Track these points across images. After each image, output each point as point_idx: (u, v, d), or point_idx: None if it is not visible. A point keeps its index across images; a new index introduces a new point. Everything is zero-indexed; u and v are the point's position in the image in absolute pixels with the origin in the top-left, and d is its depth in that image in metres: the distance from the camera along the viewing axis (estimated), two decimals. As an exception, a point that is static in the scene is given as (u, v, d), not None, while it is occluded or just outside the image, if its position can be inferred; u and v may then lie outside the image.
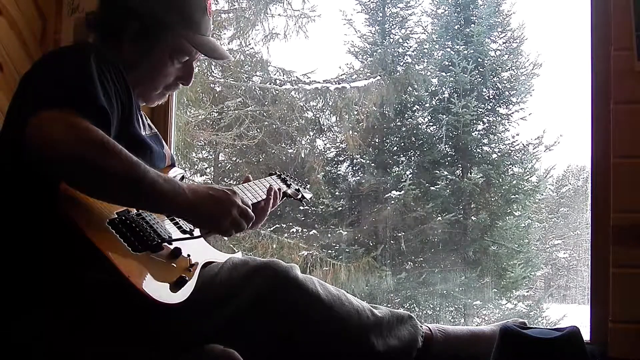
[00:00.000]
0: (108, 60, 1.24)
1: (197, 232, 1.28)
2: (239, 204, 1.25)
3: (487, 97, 6.81)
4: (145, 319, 1.14)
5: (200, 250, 1.30)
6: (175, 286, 1.15)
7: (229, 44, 6.47)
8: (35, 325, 1.12)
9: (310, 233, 6.67)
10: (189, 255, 1.24)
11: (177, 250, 1.22)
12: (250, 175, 1.62)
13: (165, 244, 1.20)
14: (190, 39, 1.41)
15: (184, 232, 1.29)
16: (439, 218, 6.46)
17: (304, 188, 1.83)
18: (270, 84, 6.59)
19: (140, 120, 1.36)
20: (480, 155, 6.72)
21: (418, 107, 6.97)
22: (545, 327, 1.51)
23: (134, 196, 1.13)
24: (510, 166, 6.77)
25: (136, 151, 1.18)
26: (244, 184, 1.54)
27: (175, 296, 1.13)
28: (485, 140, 6.80)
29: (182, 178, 1.46)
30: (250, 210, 1.28)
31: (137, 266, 1.12)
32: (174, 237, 1.23)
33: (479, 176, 6.45)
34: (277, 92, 6.61)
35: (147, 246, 1.16)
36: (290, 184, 1.75)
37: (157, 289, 1.11)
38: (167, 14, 1.38)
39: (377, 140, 6.95)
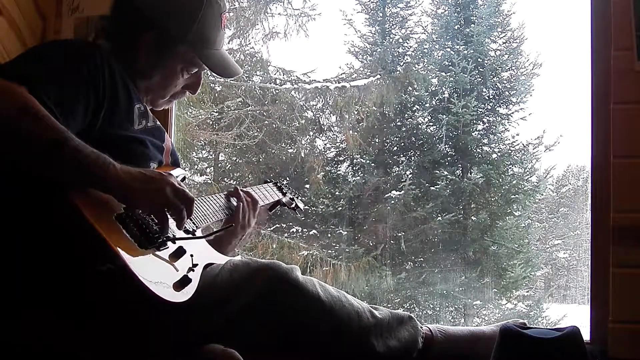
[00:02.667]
0: (103, 59, 1.25)
1: (199, 232, 1.29)
2: (172, 181, 1.21)
3: (487, 97, 6.81)
4: (146, 319, 1.14)
5: (202, 252, 1.31)
6: (179, 285, 1.15)
7: (229, 43, 6.46)
8: (36, 322, 1.12)
9: (310, 233, 6.66)
10: (192, 256, 1.24)
11: (181, 250, 1.22)
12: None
13: (170, 242, 1.20)
14: (204, 56, 1.44)
15: (187, 232, 1.29)
16: (439, 218, 6.45)
17: (299, 198, 1.88)
18: (270, 83, 6.59)
19: (135, 114, 1.36)
20: (480, 155, 6.72)
21: (418, 107, 6.97)
22: (545, 327, 1.51)
23: (54, 162, 1.10)
24: (510, 166, 6.77)
25: (120, 150, 1.18)
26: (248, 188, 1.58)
27: (178, 295, 1.13)
28: (485, 140, 6.80)
29: (184, 179, 1.47)
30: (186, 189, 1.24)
31: (142, 263, 1.11)
32: (177, 237, 1.24)
33: (479, 176, 6.45)
34: (277, 91, 6.60)
35: (152, 242, 1.16)
36: (286, 193, 1.80)
37: (162, 288, 1.11)
38: (184, 30, 1.41)
39: (377, 140, 6.94)
